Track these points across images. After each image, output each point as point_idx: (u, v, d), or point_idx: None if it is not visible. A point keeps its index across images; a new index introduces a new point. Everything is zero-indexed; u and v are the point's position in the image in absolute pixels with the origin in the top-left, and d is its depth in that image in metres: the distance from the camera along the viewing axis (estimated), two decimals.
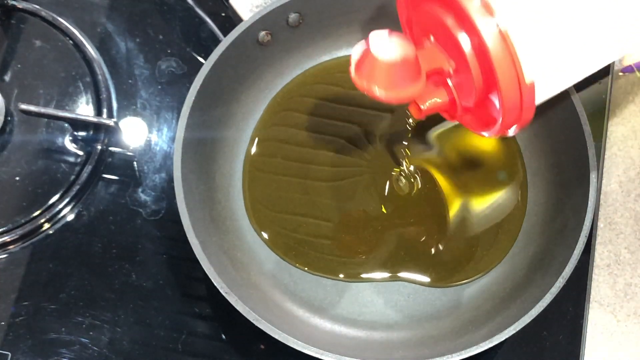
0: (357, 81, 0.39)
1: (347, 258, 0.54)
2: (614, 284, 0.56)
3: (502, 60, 0.35)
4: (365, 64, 0.38)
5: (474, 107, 0.41)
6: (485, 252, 0.54)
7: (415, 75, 0.38)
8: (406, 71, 0.38)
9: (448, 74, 0.40)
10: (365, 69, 0.38)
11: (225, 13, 0.62)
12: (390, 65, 0.37)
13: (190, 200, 0.48)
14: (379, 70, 0.38)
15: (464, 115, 0.42)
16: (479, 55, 0.36)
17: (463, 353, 0.44)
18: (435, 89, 0.41)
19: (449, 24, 0.37)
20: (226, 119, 0.55)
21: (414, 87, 0.39)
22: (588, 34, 0.37)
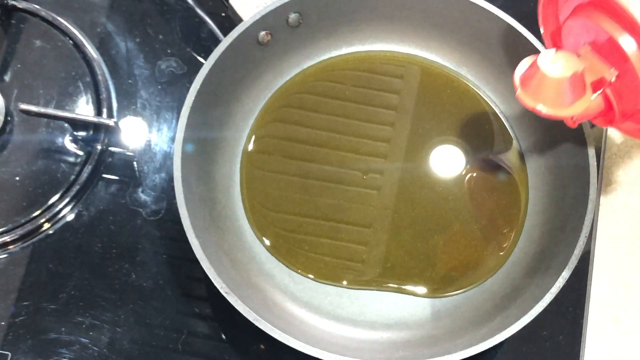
0: (523, 98, 0.39)
1: (348, 261, 0.54)
2: (614, 284, 0.56)
3: None
4: (533, 81, 0.38)
5: (636, 113, 0.40)
6: (483, 260, 0.54)
7: (581, 90, 0.38)
8: (573, 88, 0.38)
9: (608, 83, 0.39)
10: (533, 87, 0.38)
11: (225, 13, 0.62)
12: (559, 82, 0.37)
13: (190, 200, 0.48)
14: (548, 88, 0.38)
15: (623, 121, 0.42)
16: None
17: (463, 353, 0.44)
18: (600, 88, 0.40)
19: (608, 28, 0.37)
20: (226, 119, 0.55)
21: (580, 103, 0.38)
22: None
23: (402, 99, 0.58)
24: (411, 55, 0.59)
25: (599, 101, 0.40)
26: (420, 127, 0.57)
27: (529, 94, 0.39)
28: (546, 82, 0.37)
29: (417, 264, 0.54)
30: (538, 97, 0.38)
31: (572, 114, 0.39)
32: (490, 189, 0.55)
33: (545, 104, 0.38)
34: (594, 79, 0.39)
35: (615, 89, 0.39)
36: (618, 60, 0.37)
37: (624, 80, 0.38)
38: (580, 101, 0.39)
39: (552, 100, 0.38)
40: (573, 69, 0.37)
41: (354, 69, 0.58)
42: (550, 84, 0.37)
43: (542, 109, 0.39)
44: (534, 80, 0.38)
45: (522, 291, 0.50)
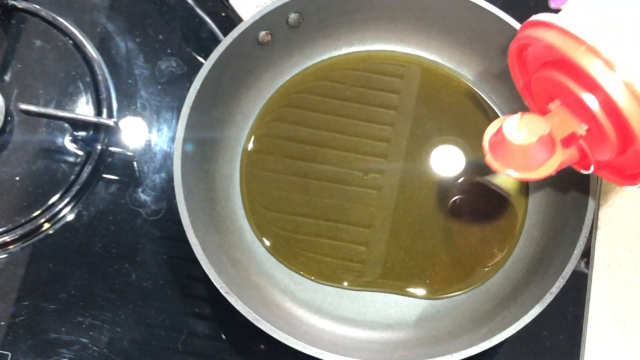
0: (493, 164, 0.39)
1: (348, 262, 0.54)
2: (614, 284, 0.56)
3: (636, 117, 0.34)
4: (500, 148, 0.38)
5: (611, 163, 0.40)
6: (483, 260, 0.54)
7: (550, 150, 0.38)
8: (542, 150, 0.37)
9: (580, 137, 0.39)
10: (501, 153, 0.38)
11: (225, 13, 0.62)
12: (526, 147, 0.37)
13: (190, 200, 0.48)
14: (515, 154, 0.37)
15: (600, 169, 0.41)
16: (611, 114, 0.35)
17: (463, 353, 0.44)
18: (572, 143, 0.40)
19: (572, 87, 0.37)
20: (226, 119, 0.55)
21: (550, 163, 0.38)
22: None
23: (402, 99, 0.58)
24: (411, 55, 0.59)
25: (573, 152, 0.40)
26: (420, 127, 0.57)
27: (498, 159, 0.38)
28: (513, 148, 0.37)
29: (417, 264, 0.54)
30: (507, 162, 0.38)
31: (545, 174, 0.38)
32: (490, 189, 0.55)
33: (515, 169, 0.38)
34: (565, 134, 0.39)
35: (587, 140, 0.39)
36: (586, 115, 0.37)
37: (595, 134, 0.38)
38: (551, 160, 0.38)
39: (522, 164, 0.38)
40: (538, 134, 0.37)
41: (354, 69, 0.58)
42: (517, 150, 0.37)
43: (513, 173, 0.38)
44: (501, 147, 0.38)
45: (522, 291, 0.50)
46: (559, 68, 0.38)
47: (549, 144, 0.38)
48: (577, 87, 0.36)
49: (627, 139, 0.36)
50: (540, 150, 0.38)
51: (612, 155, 0.39)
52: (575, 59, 0.35)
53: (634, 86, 0.34)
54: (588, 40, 0.34)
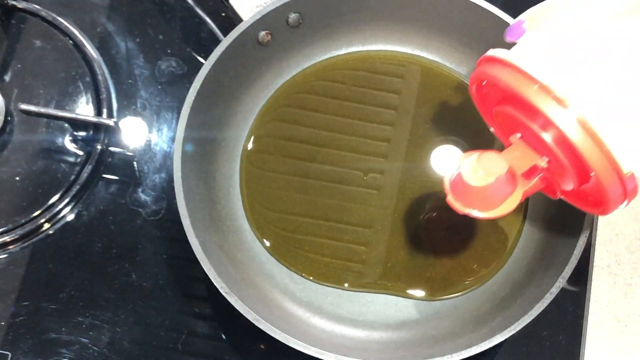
0: (454, 204, 0.39)
1: (348, 262, 0.54)
2: (614, 284, 0.56)
3: (591, 152, 0.34)
4: (460, 189, 0.38)
5: (576, 191, 0.40)
6: (483, 260, 0.54)
7: (511, 185, 0.38)
8: (502, 187, 0.37)
9: (542, 169, 0.39)
10: (461, 194, 0.38)
11: (225, 13, 0.62)
12: (484, 189, 0.37)
13: (190, 200, 0.48)
14: (475, 195, 0.37)
15: (567, 196, 0.41)
16: (567, 150, 0.35)
17: (463, 353, 0.44)
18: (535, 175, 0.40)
19: (528, 123, 0.37)
20: (226, 119, 0.55)
21: (511, 200, 0.38)
22: None
23: (402, 98, 0.58)
24: (411, 55, 0.59)
25: (537, 182, 0.40)
26: (420, 127, 0.57)
27: (459, 199, 0.38)
28: (472, 189, 0.37)
29: (418, 264, 0.54)
30: (468, 202, 0.38)
31: (507, 211, 0.38)
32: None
33: (476, 208, 0.38)
34: (526, 167, 0.39)
35: (550, 172, 0.39)
36: (546, 149, 0.37)
37: (555, 167, 0.38)
38: (513, 197, 0.38)
39: (483, 203, 0.38)
40: (496, 174, 0.37)
41: (354, 69, 0.58)
42: (476, 190, 0.37)
43: (475, 213, 0.38)
44: (461, 187, 0.38)
45: (522, 291, 0.50)
46: (515, 104, 0.38)
47: (509, 179, 0.38)
48: (533, 123, 0.36)
49: (586, 172, 0.36)
50: (500, 188, 0.37)
51: (574, 185, 0.39)
52: (527, 98, 0.35)
53: (588, 123, 0.34)
54: (540, 78, 0.34)
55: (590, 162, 0.34)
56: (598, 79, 0.35)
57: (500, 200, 0.38)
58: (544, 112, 0.34)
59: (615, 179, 0.35)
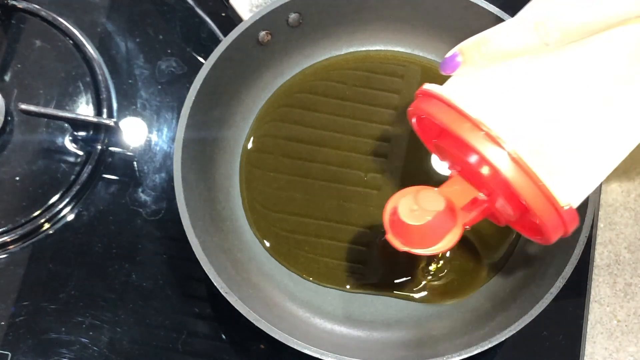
0: (394, 242, 0.38)
1: (348, 263, 0.54)
2: (614, 284, 0.56)
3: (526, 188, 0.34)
4: (399, 228, 0.37)
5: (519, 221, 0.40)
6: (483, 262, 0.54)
7: (451, 219, 0.38)
8: (441, 224, 0.37)
9: (482, 201, 0.39)
10: (400, 233, 0.38)
11: (225, 13, 0.62)
12: (423, 227, 0.36)
13: (190, 200, 0.48)
14: (413, 233, 0.37)
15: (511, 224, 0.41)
16: (502, 185, 0.35)
17: (463, 353, 0.44)
18: (476, 207, 0.39)
19: (464, 158, 0.37)
20: (226, 119, 0.55)
21: (451, 235, 0.38)
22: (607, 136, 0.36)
23: (402, 98, 0.58)
24: (411, 55, 0.59)
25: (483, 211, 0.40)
26: None
27: (398, 237, 0.38)
28: (410, 227, 0.37)
29: (418, 264, 0.54)
30: (407, 240, 0.38)
31: (448, 247, 0.38)
32: None
33: (416, 246, 0.38)
34: (465, 201, 0.38)
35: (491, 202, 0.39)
36: (483, 182, 0.37)
37: (495, 198, 0.38)
38: (454, 231, 0.38)
39: (423, 241, 0.38)
40: (433, 212, 0.36)
41: (354, 69, 0.58)
42: (414, 229, 0.37)
43: (415, 250, 0.38)
44: (399, 225, 0.37)
45: (522, 291, 0.50)
46: (451, 139, 0.38)
47: (448, 214, 0.37)
48: (469, 159, 0.36)
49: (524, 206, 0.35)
50: (439, 224, 0.37)
51: (515, 217, 0.39)
52: (460, 135, 0.34)
53: (522, 159, 0.33)
54: (472, 114, 0.34)
55: (526, 198, 0.34)
56: (531, 113, 0.35)
57: (441, 235, 0.38)
58: (477, 149, 0.34)
59: (553, 212, 0.35)
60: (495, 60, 0.36)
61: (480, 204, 0.39)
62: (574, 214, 0.36)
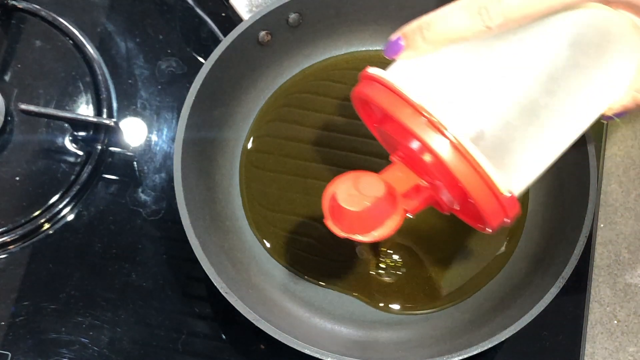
0: (333, 228, 0.37)
1: (348, 264, 0.54)
2: (614, 284, 0.56)
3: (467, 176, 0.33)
4: (338, 214, 0.37)
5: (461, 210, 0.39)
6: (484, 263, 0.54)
7: (391, 207, 0.37)
8: (381, 209, 0.36)
9: (424, 188, 0.38)
10: (339, 219, 0.37)
11: (225, 13, 0.62)
12: (362, 212, 0.36)
13: (190, 200, 0.48)
14: (352, 219, 0.36)
15: (455, 212, 0.41)
16: (443, 171, 0.34)
17: (463, 353, 0.44)
18: (419, 194, 0.39)
19: (406, 144, 0.36)
20: (226, 119, 0.55)
21: (392, 220, 0.37)
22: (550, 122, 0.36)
23: None
24: None
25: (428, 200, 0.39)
26: None
27: (337, 223, 0.37)
28: (349, 213, 0.36)
29: (417, 268, 0.54)
30: (347, 226, 0.37)
31: (389, 232, 0.37)
32: None
33: (357, 232, 0.37)
34: (407, 188, 0.38)
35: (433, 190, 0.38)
36: (425, 169, 0.37)
37: (437, 186, 0.38)
38: (394, 217, 0.37)
39: (362, 226, 0.37)
40: (372, 198, 0.35)
41: (354, 69, 0.58)
42: (353, 215, 0.36)
43: (354, 236, 0.37)
44: (339, 211, 0.37)
45: (522, 291, 0.50)
46: (393, 124, 0.37)
47: (389, 200, 0.37)
48: (410, 145, 0.36)
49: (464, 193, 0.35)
50: (379, 210, 0.36)
51: (458, 204, 0.38)
52: (401, 120, 0.34)
53: (462, 145, 0.33)
54: (414, 99, 0.34)
55: (465, 184, 0.34)
56: (473, 99, 0.34)
57: (381, 221, 0.37)
58: (418, 135, 0.33)
59: (492, 199, 0.34)
60: (439, 45, 0.35)
61: (423, 192, 0.38)
62: (515, 202, 0.35)
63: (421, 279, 0.53)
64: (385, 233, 0.37)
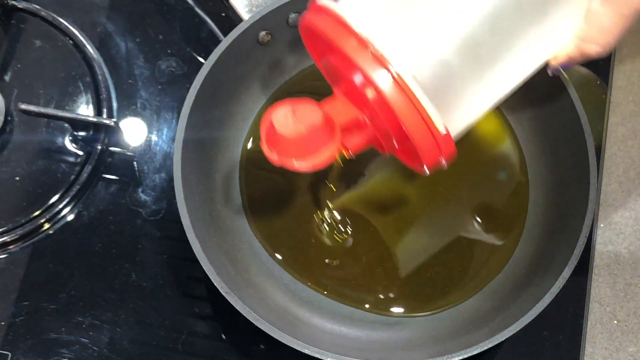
0: (268, 154, 0.38)
1: (348, 265, 0.54)
2: (614, 284, 0.56)
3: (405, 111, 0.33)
4: (274, 138, 0.37)
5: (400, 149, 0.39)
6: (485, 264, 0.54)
7: (328, 135, 0.37)
8: (316, 137, 0.36)
9: (365, 122, 0.38)
10: (275, 144, 0.37)
11: (225, 13, 0.62)
12: (297, 138, 0.36)
13: (190, 200, 0.48)
14: (288, 145, 0.36)
15: (392, 152, 0.41)
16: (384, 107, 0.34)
17: (463, 353, 0.44)
18: (358, 132, 0.39)
19: (349, 77, 0.36)
20: (226, 119, 0.55)
21: (329, 148, 0.37)
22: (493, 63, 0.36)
23: None
24: None
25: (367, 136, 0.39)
26: None
27: (272, 148, 0.38)
28: (284, 139, 0.36)
29: (417, 270, 0.54)
30: (282, 151, 0.37)
31: (322, 161, 0.37)
32: (491, 190, 0.55)
33: (290, 157, 0.37)
34: (346, 120, 0.38)
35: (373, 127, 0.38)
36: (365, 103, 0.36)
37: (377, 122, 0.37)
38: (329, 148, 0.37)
39: (296, 152, 0.37)
40: (308, 124, 0.36)
41: None
42: (288, 141, 0.36)
43: (289, 163, 0.37)
44: (274, 137, 0.37)
45: (522, 291, 0.50)
46: (337, 55, 0.37)
47: (327, 130, 0.37)
48: (352, 77, 0.36)
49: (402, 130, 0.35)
50: (315, 138, 0.36)
51: (396, 142, 0.38)
52: (346, 52, 0.34)
53: (403, 81, 0.33)
54: (360, 31, 0.34)
55: (403, 120, 0.34)
56: (417, 35, 0.34)
57: (316, 150, 0.37)
58: (361, 68, 0.33)
59: (429, 136, 0.34)
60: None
61: (362, 129, 0.38)
62: (450, 140, 0.35)
63: (422, 280, 0.53)
64: (318, 162, 0.37)
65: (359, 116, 0.38)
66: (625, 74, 0.61)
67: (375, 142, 0.40)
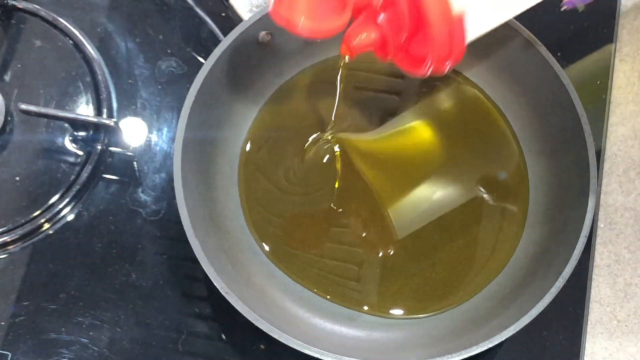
0: (276, 13, 0.36)
1: (347, 264, 0.54)
2: (614, 284, 0.56)
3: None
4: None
5: (405, 44, 0.39)
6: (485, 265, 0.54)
7: (340, 5, 0.36)
8: (326, 3, 0.36)
9: (376, 10, 0.38)
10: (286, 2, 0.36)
11: (225, 13, 0.62)
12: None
13: (190, 200, 0.48)
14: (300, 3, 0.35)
15: (397, 53, 0.40)
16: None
17: (463, 353, 0.44)
18: (365, 26, 0.39)
19: None
20: (226, 119, 0.55)
21: (338, 19, 0.36)
22: None
23: (403, 99, 0.58)
24: None
25: (374, 31, 0.38)
26: None
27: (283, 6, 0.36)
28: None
29: (418, 272, 0.54)
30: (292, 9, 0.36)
31: (330, 29, 0.36)
32: (491, 187, 0.55)
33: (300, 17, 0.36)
34: (362, 3, 0.37)
35: (385, 18, 0.38)
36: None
37: (391, 10, 0.37)
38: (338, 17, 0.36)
39: (306, 12, 0.36)
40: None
41: (354, 69, 0.58)
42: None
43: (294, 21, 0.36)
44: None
45: (522, 291, 0.50)
46: None
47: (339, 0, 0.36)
48: None
49: (420, 20, 0.34)
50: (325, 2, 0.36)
51: (405, 35, 0.38)
52: None
53: None
54: None
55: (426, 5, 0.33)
56: None
57: (326, 17, 0.36)
58: None
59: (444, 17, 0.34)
60: None
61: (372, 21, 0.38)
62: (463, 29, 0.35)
63: (423, 281, 0.53)
64: (323, 29, 0.36)
65: (374, 2, 0.37)
66: (625, 74, 0.61)
67: (381, 42, 0.39)
